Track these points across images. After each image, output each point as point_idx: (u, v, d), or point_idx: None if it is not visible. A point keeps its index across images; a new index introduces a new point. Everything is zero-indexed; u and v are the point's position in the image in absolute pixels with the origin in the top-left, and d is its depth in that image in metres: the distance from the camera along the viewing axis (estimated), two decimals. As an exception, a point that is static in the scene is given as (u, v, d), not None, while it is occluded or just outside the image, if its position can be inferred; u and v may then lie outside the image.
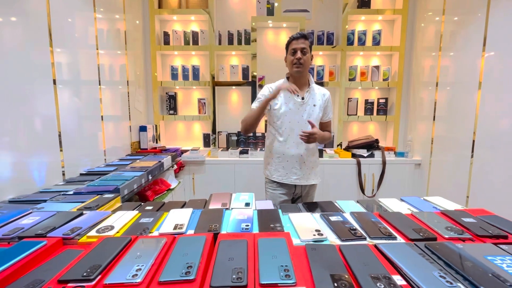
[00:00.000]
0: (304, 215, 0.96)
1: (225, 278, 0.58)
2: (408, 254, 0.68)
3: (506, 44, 1.77)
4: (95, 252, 0.70)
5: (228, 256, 0.66)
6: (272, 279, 0.57)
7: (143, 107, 2.83)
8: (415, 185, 2.69)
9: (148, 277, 0.60)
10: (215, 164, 2.66)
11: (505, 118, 1.76)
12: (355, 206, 1.12)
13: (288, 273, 0.59)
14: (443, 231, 0.81)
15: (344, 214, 0.97)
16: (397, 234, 0.82)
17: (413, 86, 2.82)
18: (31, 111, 1.40)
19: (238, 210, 1.00)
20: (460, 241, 0.77)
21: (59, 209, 1.07)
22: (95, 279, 0.59)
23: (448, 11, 2.30)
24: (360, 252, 0.70)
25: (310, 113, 1.68)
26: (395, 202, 1.15)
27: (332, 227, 0.86)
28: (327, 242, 0.78)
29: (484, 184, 1.93)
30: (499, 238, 0.78)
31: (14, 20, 1.32)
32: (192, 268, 0.61)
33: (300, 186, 1.74)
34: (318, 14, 2.91)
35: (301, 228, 0.85)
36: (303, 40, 1.62)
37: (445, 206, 1.09)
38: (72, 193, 1.32)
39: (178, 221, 0.90)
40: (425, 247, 0.72)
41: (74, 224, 0.89)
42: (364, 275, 0.59)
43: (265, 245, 0.72)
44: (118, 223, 0.89)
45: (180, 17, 2.91)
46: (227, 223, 0.89)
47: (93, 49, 1.97)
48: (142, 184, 1.71)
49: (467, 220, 0.88)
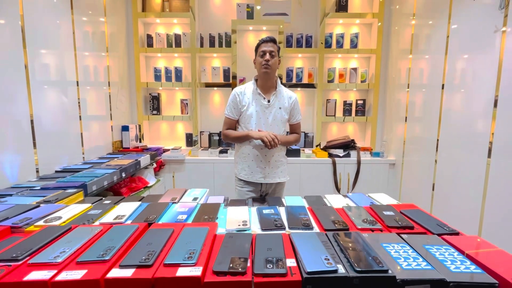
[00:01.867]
0: (242, 208, 1.04)
1: (135, 259, 0.66)
2: (311, 242, 0.75)
3: (466, 46, 1.84)
4: (33, 238, 0.78)
5: (148, 242, 0.74)
6: (175, 260, 0.65)
7: (126, 107, 2.91)
8: (389, 184, 2.76)
9: (69, 258, 0.67)
10: (195, 163, 2.74)
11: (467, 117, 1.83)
12: (299, 201, 1.19)
13: (191, 255, 0.67)
14: (358, 223, 0.89)
15: (279, 208, 1.04)
16: (316, 225, 0.89)
17: (389, 88, 2.89)
18: (4, 110, 1.49)
19: (183, 203, 1.08)
20: (369, 231, 0.84)
21: (20, 202, 1.15)
22: (23, 259, 0.67)
23: (418, 14, 2.38)
24: (270, 239, 0.77)
25: (275, 115, 1.75)
26: (337, 198, 1.22)
27: (260, 218, 0.93)
28: (249, 231, 0.85)
29: (447, 182, 2.00)
30: (406, 229, 0.85)
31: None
32: (111, 251, 0.69)
33: (266, 184, 1.81)
34: (297, 18, 2.98)
35: (231, 220, 0.92)
36: (272, 44, 1.70)
37: (381, 202, 1.16)
38: (39, 188, 1.40)
39: (121, 212, 0.98)
40: (332, 236, 0.79)
41: (26, 215, 0.97)
42: (260, 258, 0.67)
43: (187, 233, 0.80)
44: (66, 215, 0.97)
45: (163, 20, 2.99)
46: (166, 215, 0.97)
47: (71, 50, 2.05)
48: (113, 181, 1.79)
49: (387, 213, 0.95)
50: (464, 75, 1.86)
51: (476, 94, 1.75)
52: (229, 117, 1.79)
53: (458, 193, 1.88)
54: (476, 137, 1.71)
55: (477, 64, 1.74)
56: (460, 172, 1.86)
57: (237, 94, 1.78)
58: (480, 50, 1.71)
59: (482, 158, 1.66)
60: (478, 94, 1.72)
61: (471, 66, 1.80)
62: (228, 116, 1.79)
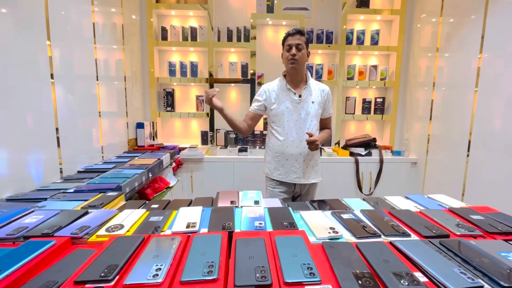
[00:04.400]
0: (315, 213, 0.96)
1: (249, 277, 0.57)
2: (425, 251, 0.68)
3: (502, 45, 1.81)
4: (108, 251, 0.68)
5: (248, 255, 0.65)
6: (296, 278, 0.57)
7: (139, 103, 2.77)
8: (411, 184, 2.74)
9: (169, 276, 0.58)
10: (213, 162, 2.63)
11: (499, 119, 1.81)
12: (362, 204, 1.13)
13: (312, 271, 0.58)
14: (454, 228, 0.83)
15: (355, 212, 0.97)
16: (410, 232, 0.83)
17: (409, 86, 2.86)
18: (27, 106, 1.35)
19: (248, 208, 0.99)
20: (472, 238, 0.79)
21: (61, 207, 1.04)
22: (113, 279, 0.57)
23: (445, 12, 2.34)
24: (377, 249, 0.70)
25: (308, 110, 1.67)
26: (400, 200, 1.16)
27: (345, 224, 0.86)
28: (342, 239, 0.78)
29: (479, 183, 1.98)
30: (509, 235, 0.80)
31: (7, 12, 1.26)
32: (214, 267, 0.60)
33: (300, 184, 1.74)
34: (317, 13, 2.91)
35: (315, 226, 0.85)
36: (298, 36, 1.61)
37: (450, 204, 1.11)
38: (73, 191, 1.28)
39: (189, 219, 0.88)
40: (440, 244, 0.73)
41: (81, 223, 0.86)
42: (386, 273, 0.60)
43: (283, 243, 0.71)
44: (127, 222, 0.87)
45: (178, 12, 2.85)
46: (239, 221, 0.88)
47: (91, 43, 1.91)
48: (143, 182, 1.68)
49: (475, 217, 0.90)
50: (499, 75, 1.83)
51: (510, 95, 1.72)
52: (252, 110, 1.74)
53: (491, 197, 1.85)
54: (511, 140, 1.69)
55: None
56: (494, 175, 1.84)
57: (265, 90, 1.72)
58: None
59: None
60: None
61: (506, 66, 1.77)
62: (251, 110, 1.74)
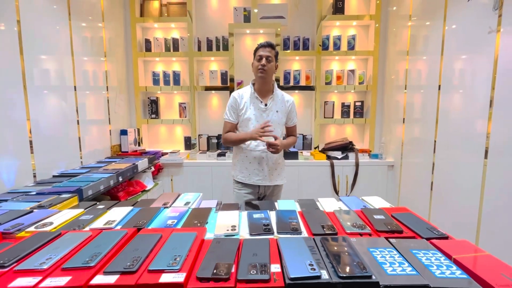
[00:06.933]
0: (233, 213, 1.04)
1: (120, 265, 0.66)
2: (297, 247, 0.75)
3: (461, 46, 1.83)
4: (21, 244, 0.78)
5: (134, 248, 0.74)
6: (160, 266, 0.65)
7: (124, 111, 2.93)
8: (388, 186, 2.74)
9: (55, 265, 0.68)
10: (193, 166, 2.74)
11: (463, 118, 1.82)
12: (291, 205, 1.19)
13: (176, 261, 0.67)
14: (347, 227, 0.88)
15: (269, 212, 1.04)
16: (305, 230, 0.89)
17: (387, 89, 2.88)
18: (1, 115, 1.50)
19: (174, 208, 1.08)
20: (358, 235, 0.84)
21: (15, 208, 1.16)
22: (9, 266, 0.68)
23: (415, 16, 2.37)
24: (257, 244, 0.77)
25: (273, 118, 1.76)
26: (330, 202, 1.22)
27: (249, 223, 0.93)
28: (237, 236, 0.85)
29: (445, 183, 1.98)
30: (395, 233, 0.85)
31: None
32: (97, 258, 0.69)
33: (264, 186, 1.81)
34: (294, 20, 2.99)
35: (220, 224, 0.92)
36: (269, 49, 1.72)
37: (375, 205, 1.15)
38: (35, 193, 1.41)
39: (112, 218, 0.98)
40: (320, 240, 0.79)
41: (18, 221, 0.98)
42: (245, 264, 0.67)
43: (175, 238, 0.80)
44: (58, 220, 0.98)
45: (161, 25, 3.02)
46: (157, 220, 0.97)
47: (68, 55, 2.07)
48: (110, 185, 1.80)
49: (377, 217, 0.95)
50: (460, 75, 1.85)
51: (472, 95, 1.74)
52: (228, 121, 1.80)
53: (456, 194, 1.86)
54: (473, 137, 1.70)
55: (473, 65, 1.73)
56: (458, 173, 1.85)
57: (235, 97, 1.79)
58: (476, 50, 1.70)
59: (479, 159, 1.64)
60: (474, 95, 1.71)
61: (467, 67, 1.79)
62: (227, 120, 1.80)
